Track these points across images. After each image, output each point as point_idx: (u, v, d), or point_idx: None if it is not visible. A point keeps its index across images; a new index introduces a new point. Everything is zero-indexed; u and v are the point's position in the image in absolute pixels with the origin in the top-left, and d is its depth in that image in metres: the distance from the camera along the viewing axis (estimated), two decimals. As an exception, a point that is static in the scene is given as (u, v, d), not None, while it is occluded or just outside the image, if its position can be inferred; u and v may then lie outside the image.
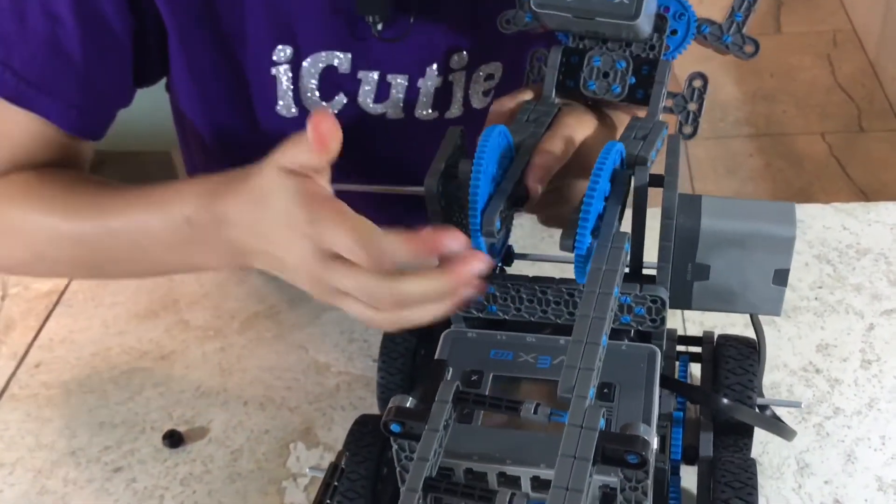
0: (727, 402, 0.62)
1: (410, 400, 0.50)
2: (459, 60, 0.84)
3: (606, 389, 0.56)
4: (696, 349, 0.73)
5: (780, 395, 0.78)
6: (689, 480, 0.67)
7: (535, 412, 0.48)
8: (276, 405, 0.81)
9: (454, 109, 0.87)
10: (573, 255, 0.54)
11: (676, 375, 0.71)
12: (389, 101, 0.84)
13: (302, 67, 0.81)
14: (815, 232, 0.94)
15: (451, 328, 0.62)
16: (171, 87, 0.89)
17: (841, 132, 2.58)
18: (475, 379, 0.57)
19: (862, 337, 0.82)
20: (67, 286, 0.95)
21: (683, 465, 0.68)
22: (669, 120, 0.65)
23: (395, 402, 0.50)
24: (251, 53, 0.80)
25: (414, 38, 0.80)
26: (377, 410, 0.72)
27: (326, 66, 0.81)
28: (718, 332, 0.71)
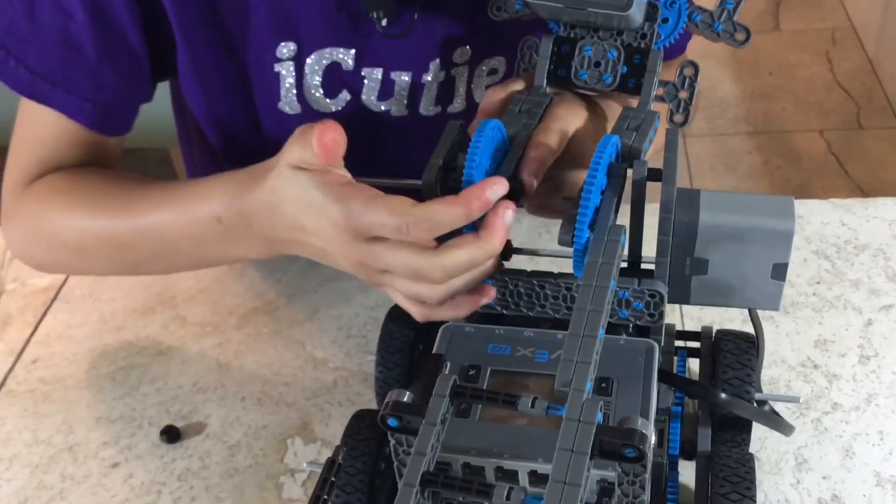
0: (725, 396, 0.62)
1: (408, 394, 0.50)
2: (462, 55, 0.84)
3: (604, 384, 0.56)
4: (694, 344, 0.73)
5: (778, 390, 0.78)
6: (687, 476, 0.67)
7: (532, 406, 0.48)
8: (273, 401, 0.81)
9: (457, 104, 0.87)
10: (571, 249, 0.54)
11: (675, 370, 0.71)
12: (393, 98, 0.84)
13: (305, 64, 0.81)
14: (813, 228, 0.94)
15: (448, 322, 0.61)
16: (174, 82, 0.89)
17: (840, 130, 2.58)
18: (473, 373, 0.57)
19: (860, 332, 0.82)
20: (65, 282, 0.95)
21: (682, 460, 0.68)
22: (661, 109, 0.65)
23: (392, 396, 0.50)
24: (254, 50, 0.80)
25: (417, 33, 0.79)
26: (375, 406, 0.72)
27: (330, 63, 0.81)
28: (717, 327, 0.71)
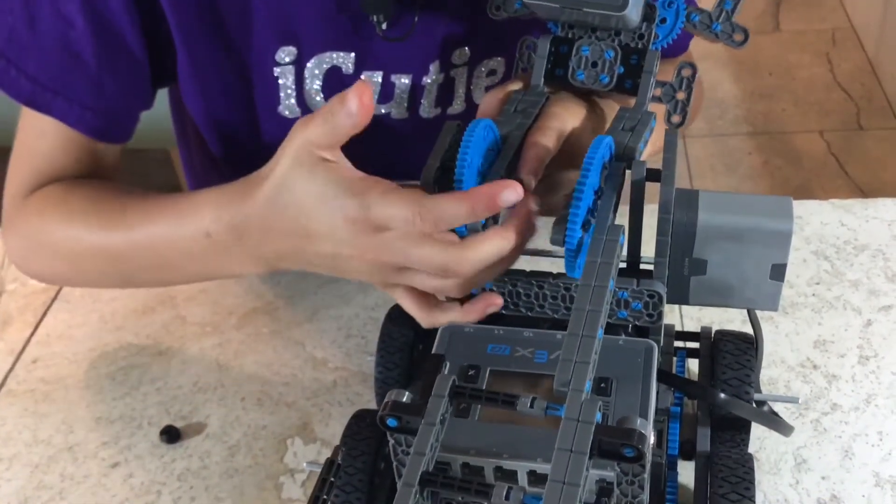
0: (724, 397, 0.62)
1: (407, 394, 0.50)
2: (461, 56, 0.84)
3: (603, 384, 0.56)
4: (693, 345, 0.73)
5: (777, 390, 0.78)
6: (686, 476, 0.67)
7: (531, 406, 0.48)
8: (273, 401, 0.81)
9: (456, 105, 0.87)
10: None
11: (674, 370, 0.71)
12: (393, 100, 0.84)
13: (306, 69, 0.81)
14: (812, 228, 0.94)
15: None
16: (173, 89, 0.89)
17: (839, 130, 2.58)
18: (472, 373, 0.57)
19: (859, 333, 0.82)
20: (65, 282, 0.96)
21: (681, 460, 0.68)
22: (658, 110, 0.65)
23: (391, 396, 0.50)
24: (254, 54, 0.80)
25: (416, 35, 0.79)
26: (374, 406, 0.72)
27: (330, 67, 0.81)
28: (716, 327, 0.71)
